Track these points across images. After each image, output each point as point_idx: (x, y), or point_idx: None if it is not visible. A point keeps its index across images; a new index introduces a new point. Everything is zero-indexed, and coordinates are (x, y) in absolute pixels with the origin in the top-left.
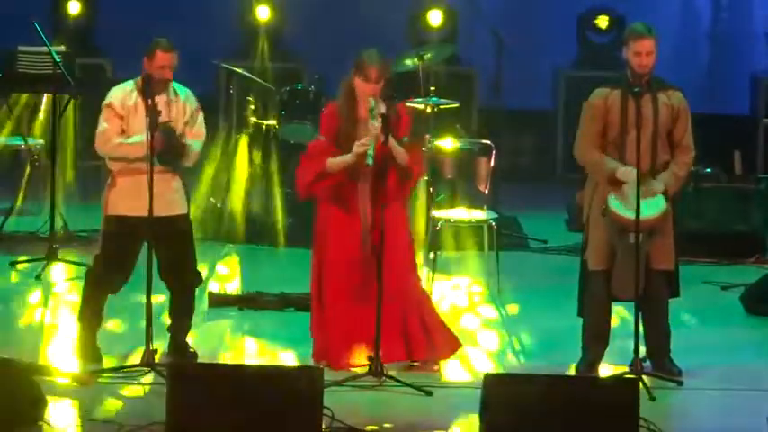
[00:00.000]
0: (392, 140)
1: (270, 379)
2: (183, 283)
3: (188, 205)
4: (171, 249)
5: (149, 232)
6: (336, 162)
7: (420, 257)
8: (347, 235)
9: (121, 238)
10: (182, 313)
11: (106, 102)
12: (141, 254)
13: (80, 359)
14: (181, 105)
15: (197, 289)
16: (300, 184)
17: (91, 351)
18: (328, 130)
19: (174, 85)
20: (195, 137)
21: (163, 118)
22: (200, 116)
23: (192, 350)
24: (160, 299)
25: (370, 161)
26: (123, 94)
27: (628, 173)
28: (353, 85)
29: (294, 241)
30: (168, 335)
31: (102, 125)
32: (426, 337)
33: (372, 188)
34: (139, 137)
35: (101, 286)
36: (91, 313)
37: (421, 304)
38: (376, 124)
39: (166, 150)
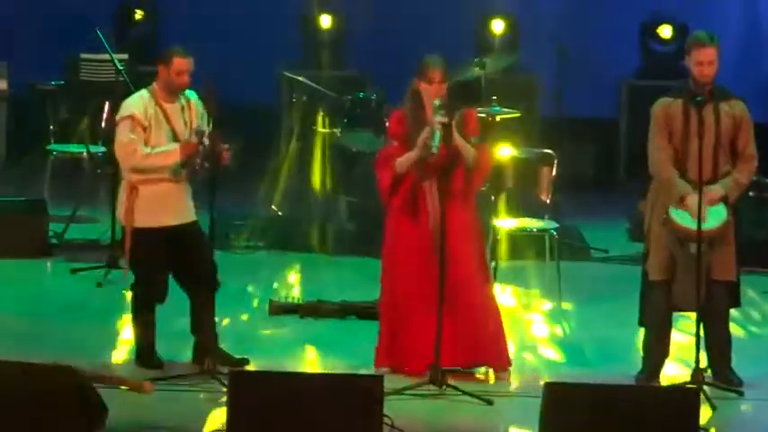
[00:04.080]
0: (460, 138)
1: (330, 387)
2: (213, 286)
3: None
4: (195, 255)
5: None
6: (403, 160)
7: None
8: (417, 239)
9: (153, 249)
10: (212, 320)
11: (126, 114)
12: None
13: (140, 367)
14: (194, 109)
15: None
16: (382, 191)
17: (149, 359)
18: (397, 135)
19: None
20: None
21: (179, 127)
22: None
23: (246, 357)
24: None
25: (434, 149)
26: (143, 105)
27: (695, 203)
28: (419, 91)
29: (355, 249)
30: (197, 344)
31: (128, 136)
32: (480, 344)
33: (439, 188)
34: (168, 146)
35: (146, 297)
36: (143, 324)
37: (487, 310)
38: (439, 119)
39: (205, 156)
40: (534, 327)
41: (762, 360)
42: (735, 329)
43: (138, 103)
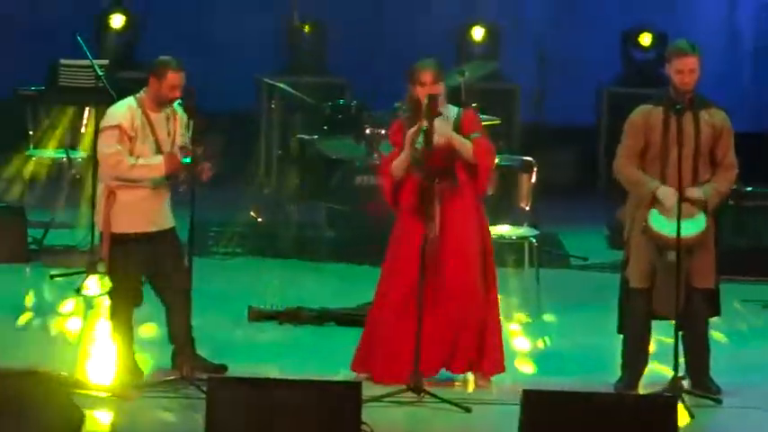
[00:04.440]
0: (455, 134)
1: (309, 394)
2: (188, 292)
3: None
4: (171, 262)
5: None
6: (397, 163)
7: None
8: (416, 242)
9: (130, 254)
10: (188, 327)
11: (113, 123)
12: None
13: (119, 373)
14: (179, 118)
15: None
16: (386, 197)
17: (129, 365)
18: (397, 140)
19: None
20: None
21: (162, 137)
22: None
23: (223, 365)
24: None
25: (418, 145)
26: (130, 114)
27: (667, 194)
28: (415, 97)
29: (335, 256)
30: (175, 350)
31: (114, 147)
32: (477, 353)
33: (439, 189)
34: (153, 159)
35: (124, 302)
36: (122, 329)
37: (484, 315)
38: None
39: (187, 174)
40: (513, 334)
41: (740, 368)
42: (713, 337)
43: (125, 112)
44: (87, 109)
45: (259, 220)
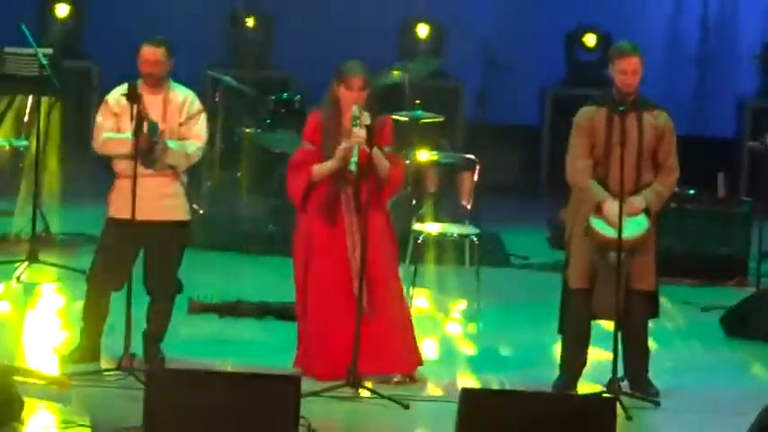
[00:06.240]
0: (377, 150)
1: (247, 387)
2: (166, 291)
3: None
4: (156, 255)
5: (138, 234)
6: (321, 169)
7: (401, 271)
8: (334, 246)
9: (117, 239)
10: (160, 320)
11: (105, 99)
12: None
13: (78, 352)
14: (177, 105)
15: (177, 296)
16: (295, 195)
17: (91, 348)
18: (313, 139)
19: (175, 85)
20: (195, 138)
21: (155, 117)
22: (202, 118)
23: (161, 356)
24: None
25: (353, 167)
26: (120, 92)
27: (613, 210)
28: (337, 95)
29: (275, 249)
30: (143, 340)
31: (97, 119)
32: (394, 351)
33: (355, 197)
34: (125, 134)
35: (101, 285)
36: (93, 312)
37: (399, 317)
38: (359, 131)
39: (146, 149)
40: (453, 332)
41: (678, 370)
42: (652, 339)
43: (117, 90)
44: (31, 97)
45: (201, 212)
